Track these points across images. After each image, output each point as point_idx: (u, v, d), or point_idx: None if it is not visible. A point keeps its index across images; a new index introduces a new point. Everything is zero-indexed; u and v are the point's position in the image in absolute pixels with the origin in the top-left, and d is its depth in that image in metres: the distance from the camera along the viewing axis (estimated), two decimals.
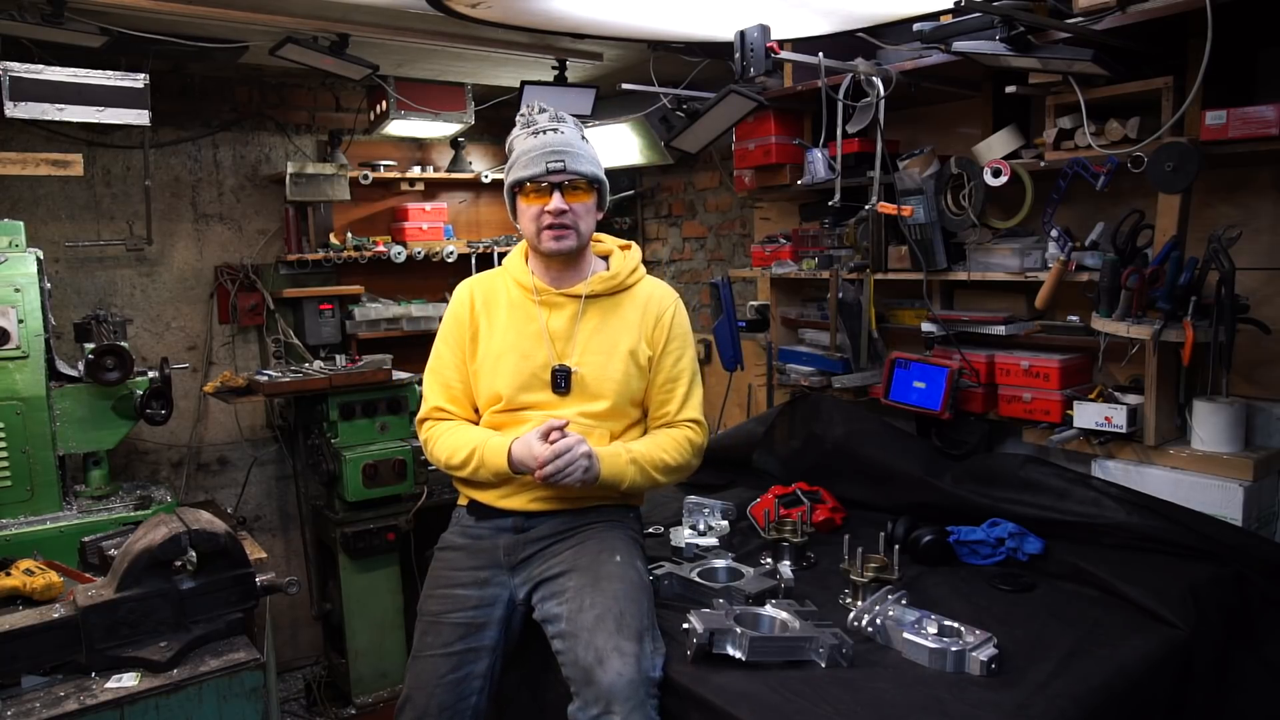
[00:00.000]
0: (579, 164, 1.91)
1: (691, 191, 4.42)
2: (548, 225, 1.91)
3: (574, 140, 1.94)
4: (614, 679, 1.60)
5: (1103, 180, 2.23)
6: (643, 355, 2.00)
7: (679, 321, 2.07)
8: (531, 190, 1.91)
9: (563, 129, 1.94)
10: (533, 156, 1.90)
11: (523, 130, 1.96)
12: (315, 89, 4.09)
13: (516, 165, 1.93)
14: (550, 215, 1.90)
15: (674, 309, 2.07)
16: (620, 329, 2.00)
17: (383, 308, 4.11)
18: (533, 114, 1.98)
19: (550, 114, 1.97)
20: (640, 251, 2.15)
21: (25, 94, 2.69)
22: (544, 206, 1.90)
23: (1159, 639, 1.75)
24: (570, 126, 1.96)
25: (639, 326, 2.01)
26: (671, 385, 2.04)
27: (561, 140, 1.91)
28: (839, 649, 1.67)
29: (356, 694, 3.51)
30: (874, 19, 2.54)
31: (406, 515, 3.50)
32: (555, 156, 1.89)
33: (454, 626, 1.86)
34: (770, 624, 1.76)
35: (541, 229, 1.92)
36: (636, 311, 2.03)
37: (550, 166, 1.88)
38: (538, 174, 1.89)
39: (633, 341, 2.00)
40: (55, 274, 3.50)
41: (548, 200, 1.90)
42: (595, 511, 1.97)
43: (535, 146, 1.91)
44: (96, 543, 2.29)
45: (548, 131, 1.92)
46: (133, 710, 1.62)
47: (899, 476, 2.48)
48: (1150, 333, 2.13)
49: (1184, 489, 2.19)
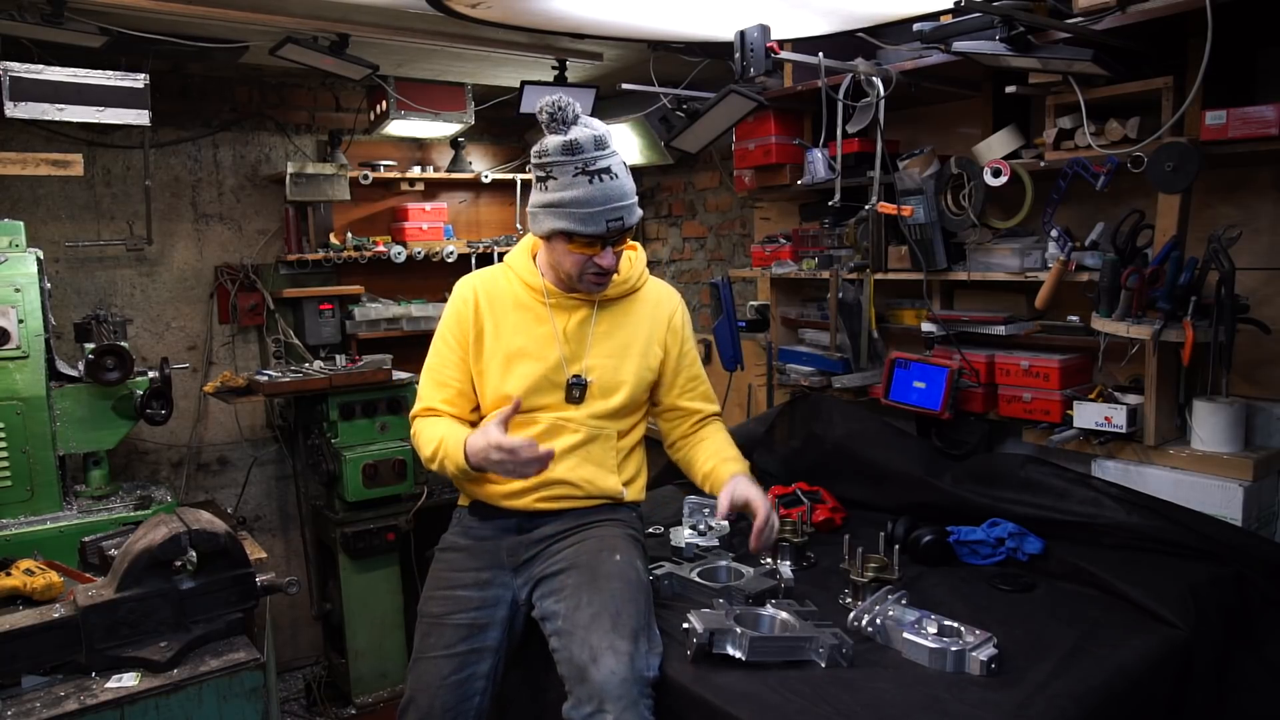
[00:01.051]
0: (633, 216, 1.86)
1: (691, 191, 4.43)
2: (592, 272, 1.89)
3: (626, 183, 1.85)
4: (606, 677, 1.60)
5: (1103, 180, 2.23)
6: (654, 357, 2.02)
7: (687, 320, 2.12)
8: (582, 242, 1.84)
9: (615, 168, 1.82)
10: (593, 213, 1.79)
11: (569, 160, 1.79)
12: (315, 89, 4.09)
13: (570, 215, 1.80)
14: (596, 266, 1.87)
15: (681, 309, 2.11)
16: (632, 331, 2.01)
17: (383, 308, 4.11)
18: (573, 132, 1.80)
19: (594, 138, 1.81)
20: (645, 253, 2.14)
21: (25, 94, 2.69)
22: (593, 257, 1.86)
23: (1159, 639, 1.75)
24: (617, 157, 1.85)
25: (649, 328, 2.02)
26: (695, 384, 2.11)
27: (619, 190, 1.82)
28: (839, 649, 1.67)
29: (356, 694, 3.51)
30: (874, 19, 2.54)
31: (406, 515, 3.50)
32: (616, 214, 1.81)
33: (456, 628, 1.86)
34: (770, 624, 1.76)
35: (585, 274, 1.89)
36: (646, 313, 2.04)
37: (611, 227, 1.81)
38: (598, 233, 1.81)
39: (643, 344, 2.01)
40: (55, 274, 3.50)
41: (598, 252, 1.85)
42: (598, 511, 1.97)
43: (595, 198, 1.79)
44: (96, 543, 2.29)
45: (604, 177, 1.80)
46: (133, 710, 1.63)
47: (899, 476, 2.48)
48: (1150, 333, 2.13)
49: (1184, 489, 2.19)
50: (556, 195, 1.82)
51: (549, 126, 1.83)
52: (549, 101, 1.82)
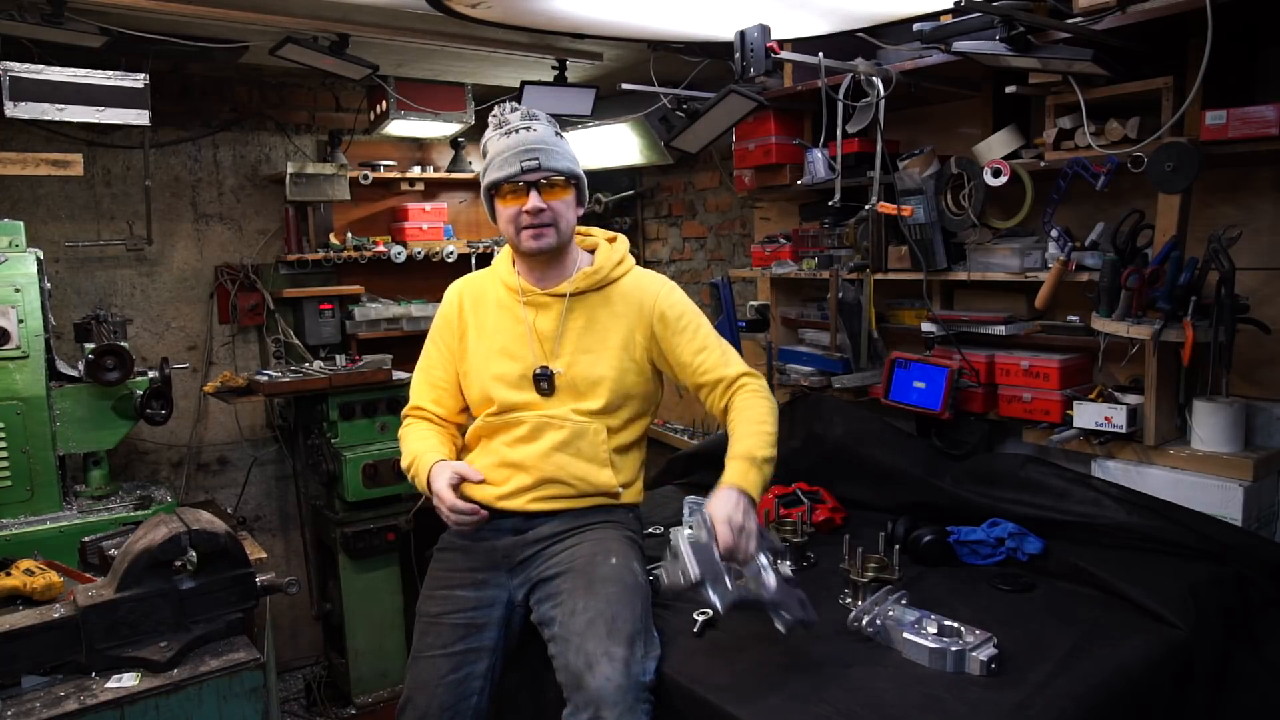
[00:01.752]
0: (554, 160, 1.88)
1: (691, 191, 4.42)
2: (526, 225, 1.89)
3: (548, 137, 1.90)
4: (602, 684, 1.60)
5: (1103, 180, 2.23)
6: (638, 349, 1.97)
7: (675, 301, 2.00)
8: (508, 191, 1.89)
9: (536, 126, 1.91)
10: (506, 157, 1.87)
11: (495, 131, 1.94)
12: (315, 89, 4.09)
13: (491, 167, 1.90)
14: (528, 215, 1.87)
15: (664, 293, 2.00)
16: (610, 325, 1.97)
17: (383, 308, 4.11)
18: (504, 114, 1.95)
19: (522, 112, 1.94)
20: (627, 242, 2.11)
21: (25, 94, 2.69)
22: (521, 207, 1.88)
23: (1159, 639, 1.74)
24: (544, 124, 1.94)
25: (631, 321, 1.97)
26: (705, 356, 1.95)
27: (535, 138, 1.88)
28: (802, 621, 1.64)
29: (356, 694, 3.51)
30: (874, 19, 2.54)
31: (406, 515, 3.50)
32: (529, 155, 1.86)
33: (453, 627, 1.86)
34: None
35: (520, 229, 1.90)
36: (627, 305, 1.98)
37: (525, 165, 1.85)
38: (512, 174, 1.86)
39: (624, 336, 1.96)
40: (55, 274, 3.50)
41: (525, 200, 1.87)
42: (595, 512, 1.96)
43: (509, 146, 1.88)
44: (96, 543, 2.29)
45: (520, 130, 1.89)
46: (133, 710, 1.63)
47: (899, 476, 2.48)
48: (1150, 333, 2.13)
49: (1184, 489, 2.18)
50: (485, 162, 1.94)
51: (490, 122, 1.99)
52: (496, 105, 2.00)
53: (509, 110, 1.96)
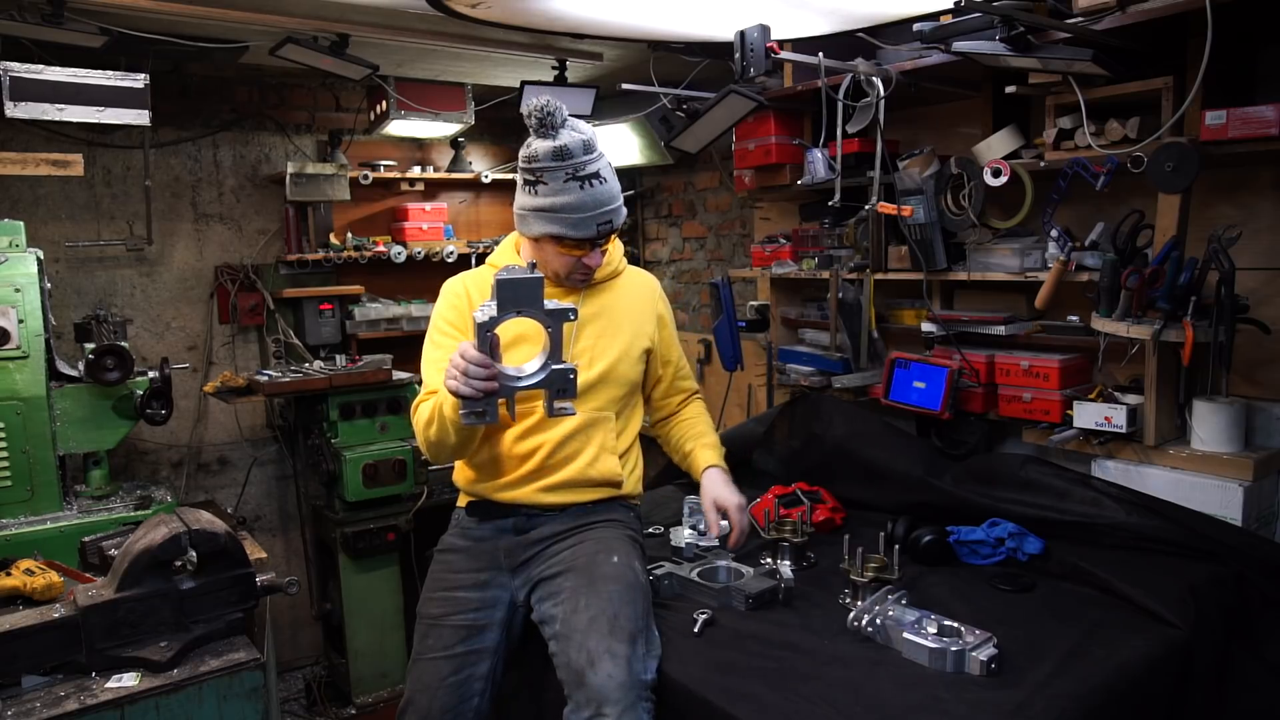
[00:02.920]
0: (620, 218, 1.90)
1: (691, 191, 4.42)
2: (579, 272, 1.94)
3: (614, 187, 1.87)
4: (604, 681, 1.60)
5: (1103, 180, 2.23)
6: (641, 344, 2.04)
7: (667, 303, 2.18)
8: (572, 244, 1.87)
9: (603, 172, 1.84)
10: (584, 219, 1.82)
11: (559, 166, 1.80)
12: (315, 89, 4.09)
13: (561, 220, 1.82)
14: (584, 267, 1.92)
15: (660, 289, 2.17)
16: (619, 316, 2.03)
17: (383, 308, 4.11)
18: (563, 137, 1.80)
19: (582, 143, 1.81)
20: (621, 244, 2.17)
21: (25, 94, 2.70)
22: (582, 258, 1.90)
23: (1159, 639, 1.74)
24: (604, 161, 1.86)
25: (638, 312, 2.06)
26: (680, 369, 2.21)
27: (608, 194, 1.85)
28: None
29: (356, 694, 3.51)
30: (874, 19, 2.54)
31: (406, 515, 3.51)
32: (605, 218, 1.84)
33: (455, 629, 1.86)
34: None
35: (574, 274, 1.94)
36: (629, 299, 2.06)
37: (601, 230, 1.85)
38: (588, 237, 1.85)
39: (633, 329, 2.03)
40: (55, 274, 3.50)
41: (586, 252, 1.89)
42: (597, 509, 1.97)
43: (586, 204, 1.81)
44: (96, 543, 2.29)
45: (593, 182, 1.82)
46: (133, 710, 1.63)
47: (899, 476, 2.48)
48: (1150, 333, 2.13)
49: (1184, 489, 2.19)
50: (548, 200, 1.84)
51: (538, 131, 1.82)
52: (537, 105, 1.80)
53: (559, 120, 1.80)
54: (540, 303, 1.59)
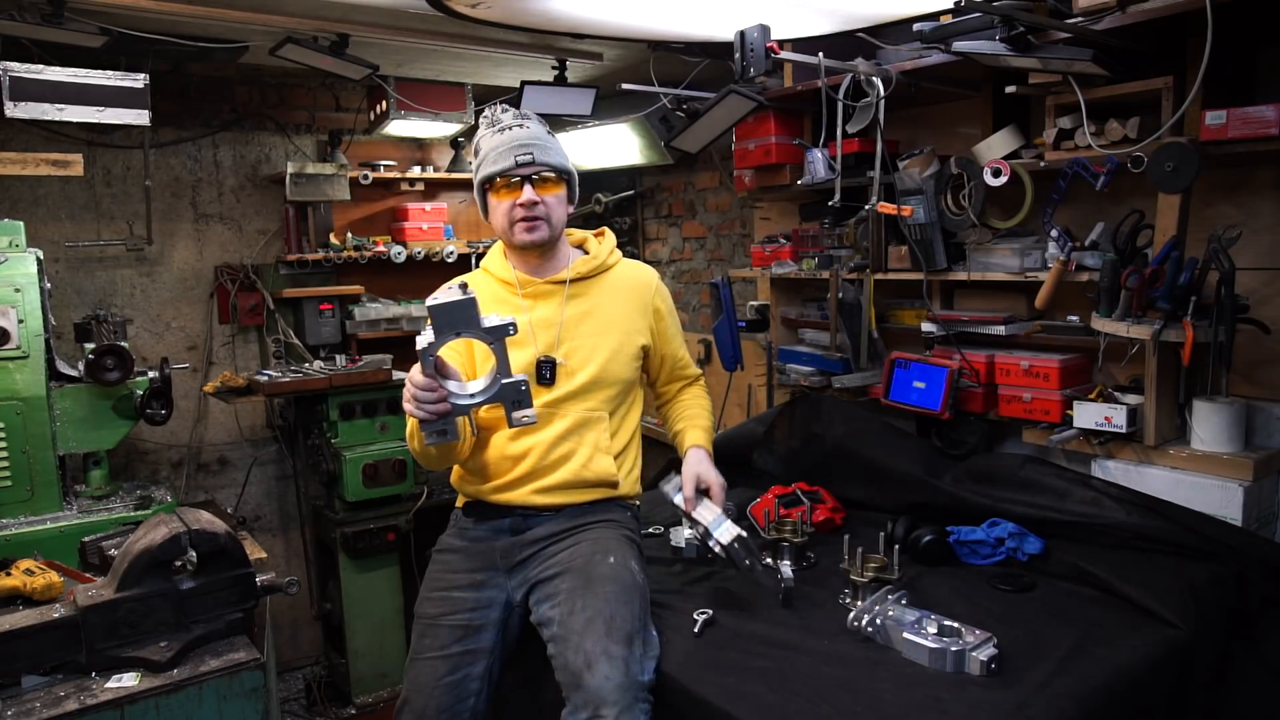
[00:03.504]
0: (548, 155, 1.93)
1: (691, 191, 4.43)
2: (520, 219, 1.93)
3: (540, 134, 1.95)
4: (601, 683, 1.60)
5: (1103, 180, 2.23)
6: (636, 341, 2.03)
7: (666, 295, 2.17)
8: (502, 185, 1.92)
9: (528, 124, 1.95)
10: (501, 152, 1.90)
11: (488, 129, 1.97)
12: (315, 89, 4.09)
13: (485, 162, 1.94)
14: (522, 208, 1.91)
15: (658, 282, 2.15)
16: (609, 310, 2.02)
17: (383, 308, 4.11)
18: (496, 113, 1.99)
19: (514, 113, 1.98)
20: (614, 237, 2.17)
21: (25, 94, 2.70)
22: (515, 200, 1.92)
23: (1159, 639, 1.74)
24: (535, 123, 1.98)
25: (630, 309, 2.04)
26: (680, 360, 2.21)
27: (528, 135, 1.93)
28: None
29: (356, 694, 3.51)
30: (874, 19, 2.54)
31: (406, 515, 3.51)
32: (523, 149, 1.90)
33: (451, 629, 1.86)
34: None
35: (514, 222, 1.93)
36: (623, 293, 2.05)
37: (519, 159, 1.89)
38: (507, 168, 1.89)
39: (625, 324, 2.02)
40: (55, 274, 3.51)
41: (519, 194, 1.91)
42: (594, 510, 1.97)
43: (502, 142, 1.92)
44: (96, 543, 2.29)
45: (513, 128, 1.94)
46: (133, 710, 1.63)
47: (899, 476, 2.48)
48: (1150, 333, 2.13)
49: (1184, 489, 2.18)
50: (478, 159, 1.97)
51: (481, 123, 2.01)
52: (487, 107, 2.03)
53: (500, 110, 2.00)
54: (476, 323, 1.61)
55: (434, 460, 1.93)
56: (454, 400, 1.65)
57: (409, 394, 1.66)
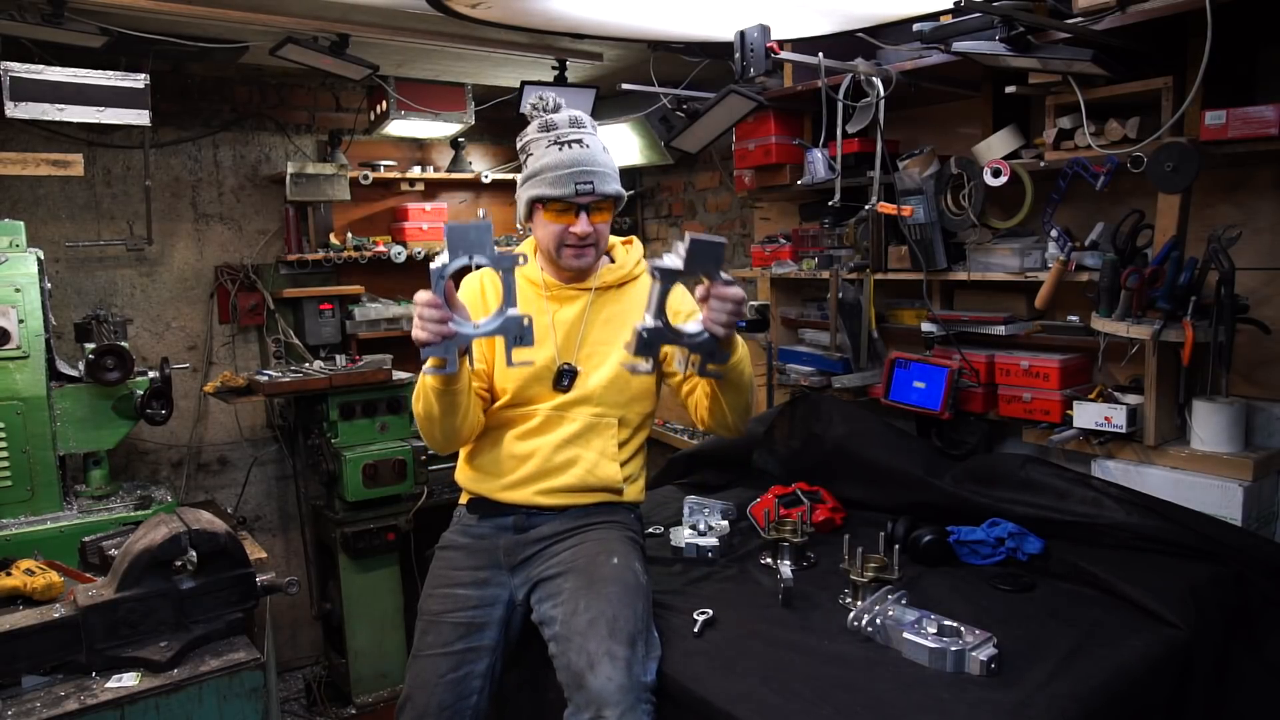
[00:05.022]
0: (606, 184, 1.86)
1: (691, 191, 4.42)
2: (570, 244, 1.89)
3: (599, 155, 1.88)
4: (604, 684, 1.60)
5: (1103, 180, 2.23)
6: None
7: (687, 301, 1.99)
8: (558, 210, 1.87)
9: (587, 139, 1.88)
10: (560, 175, 1.83)
11: (543, 135, 1.88)
12: (315, 89, 4.09)
13: (541, 180, 1.85)
14: (575, 236, 1.87)
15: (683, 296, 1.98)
16: (629, 320, 1.97)
17: (383, 308, 4.11)
18: (550, 114, 1.90)
19: (569, 117, 1.90)
20: (642, 246, 2.13)
21: (25, 94, 2.70)
22: (569, 226, 1.87)
23: (1159, 639, 1.74)
24: (591, 134, 1.90)
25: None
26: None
27: (588, 156, 1.85)
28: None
29: (356, 694, 3.51)
30: (874, 19, 2.54)
31: (406, 515, 3.50)
32: (584, 178, 1.83)
33: (453, 626, 1.86)
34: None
35: (563, 245, 1.90)
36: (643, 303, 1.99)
37: (580, 189, 1.82)
38: (565, 195, 1.83)
39: None
40: (55, 274, 3.50)
41: (573, 221, 1.86)
42: (597, 511, 1.97)
43: (563, 163, 1.83)
44: (97, 543, 2.29)
45: (572, 144, 1.85)
46: (133, 710, 1.63)
47: (899, 476, 2.48)
48: (1150, 333, 2.13)
49: (1184, 489, 2.19)
50: (531, 168, 1.89)
51: (532, 115, 1.93)
52: (535, 95, 1.95)
53: (551, 106, 1.91)
54: (489, 248, 1.60)
55: (434, 427, 1.84)
56: (460, 327, 1.63)
57: (416, 312, 1.60)
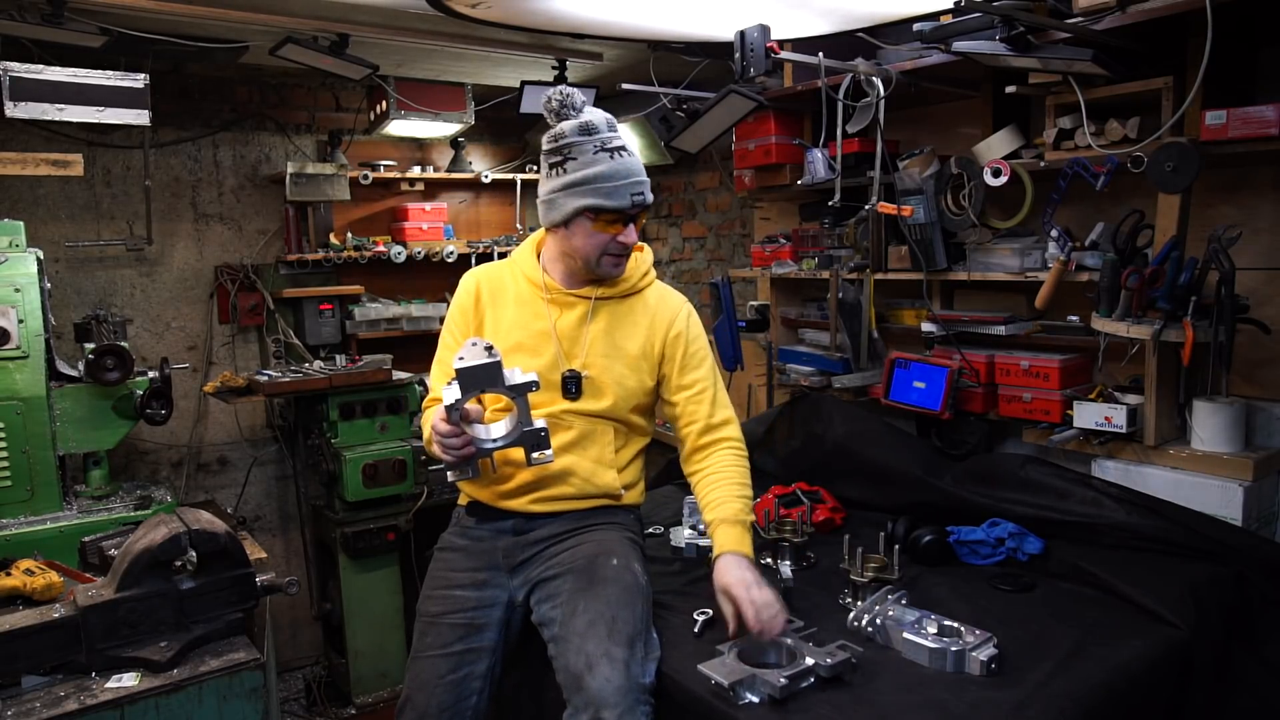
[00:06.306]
0: (649, 193, 1.87)
1: (691, 191, 4.43)
2: (614, 253, 1.89)
3: (640, 164, 1.88)
4: (602, 685, 1.60)
5: (1103, 180, 2.23)
6: (651, 363, 1.98)
7: (695, 327, 2.03)
8: (608, 220, 1.85)
9: (629, 146, 1.88)
10: (617, 186, 1.81)
11: (586, 139, 1.83)
12: (315, 89, 4.09)
13: (595, 190, 1.81)
14: (620, 244, 1.87)
15: (686, 313, 2.03)
16: (630, 332, 1.97)
17: (383, 308, 4.11)
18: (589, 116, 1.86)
19: (607, 120, 1.88)
20: (652, 254, 2.11)
21: (25, 94, 2.70)
22: (616, 236, 1.86)
23: (1159, 639, 1.74)
24: (628, 139, 1.91)
25: (648, 332, 1.98)
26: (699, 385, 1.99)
27: (637, 166, 1.85)
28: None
29: (356, 694, 3.51)
30: (874, 19, 2.54)
31: (406, 515, 3.50)
32: (638, 189, 1.83)
33: (453, 627, 1.86)
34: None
35: (605, 254, 1.89)
36: (647, 317, 1.99)
37: (635, 201, 1.83)
38: (623, 207, 1.82)
39: (641, 346, 1.97)
40: (55, 274, 3.50)
41: (621, 230, 1.86)
42: (596, 513, 1.96)
43: (618, 173, 1.82)
44: (96, 543, 2.29)
45: (622, 154, 1.84)
46: (133, 710, 1.63)
47: (899, 476, 2.48)
48: (1150, 333, 2.13)
49: (1184, 489, 2.19)
50: (579, 174, 1.83)
51: (559, 114, 1.87)
52: (556, 91, 1.87)
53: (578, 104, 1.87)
54: (501, 382, 1.68)
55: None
56: (477, 444, 1.73)
57: (436, 439, 1.72)
